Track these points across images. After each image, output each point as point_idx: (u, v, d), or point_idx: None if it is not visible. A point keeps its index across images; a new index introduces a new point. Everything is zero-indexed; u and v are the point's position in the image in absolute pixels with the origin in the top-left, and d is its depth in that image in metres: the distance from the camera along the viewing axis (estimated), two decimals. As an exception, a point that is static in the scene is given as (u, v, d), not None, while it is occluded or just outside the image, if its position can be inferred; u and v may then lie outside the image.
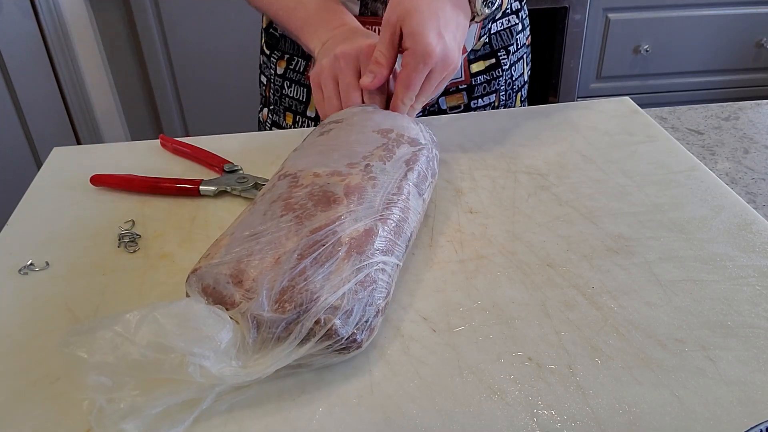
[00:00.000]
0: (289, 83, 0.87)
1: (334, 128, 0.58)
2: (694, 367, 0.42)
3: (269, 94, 0.92)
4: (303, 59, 0.85)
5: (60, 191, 0.64)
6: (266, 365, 0.39)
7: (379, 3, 0.76)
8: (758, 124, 0.78)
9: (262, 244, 0.44)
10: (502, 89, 0.88)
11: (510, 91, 0.89)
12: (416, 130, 0.59)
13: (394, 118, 0.59)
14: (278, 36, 0.87)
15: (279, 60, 0.87)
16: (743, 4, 1.79)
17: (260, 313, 0.40)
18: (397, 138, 0.56)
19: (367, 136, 0.56)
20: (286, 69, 0.87)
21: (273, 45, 0.88)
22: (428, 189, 0.55)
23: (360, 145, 0.55)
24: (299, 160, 0.54)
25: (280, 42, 0.87)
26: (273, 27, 0.87)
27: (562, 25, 1.74)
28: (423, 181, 0.54)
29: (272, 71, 0.89)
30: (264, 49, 0.91)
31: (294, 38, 0.74)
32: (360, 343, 0.42)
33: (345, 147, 0.54)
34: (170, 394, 0.37)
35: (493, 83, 0.86)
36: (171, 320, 0.37)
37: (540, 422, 0.39)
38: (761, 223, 0.55)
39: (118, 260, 0.54)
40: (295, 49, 0.85)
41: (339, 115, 0.61)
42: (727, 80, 1.92)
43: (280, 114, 0.89)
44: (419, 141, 0.57)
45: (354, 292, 0.42)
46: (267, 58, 0.90)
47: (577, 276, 0.50)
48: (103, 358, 0.36)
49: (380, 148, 0.54)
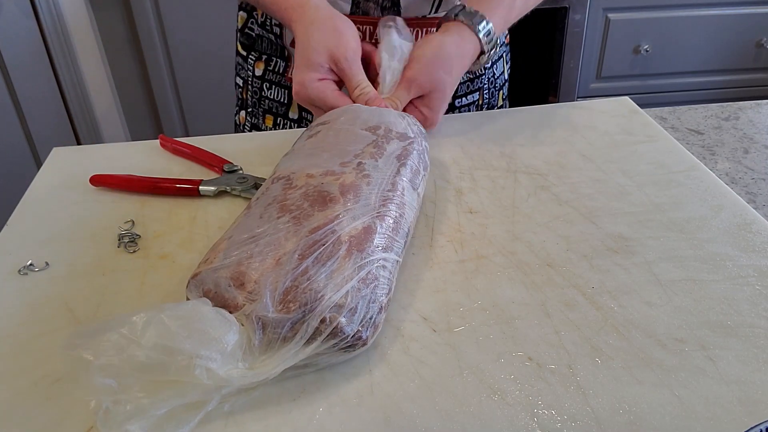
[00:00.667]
0: (269, 85, 0.85)
1: (321, 130, 0.58)
2: (694, 366, 0.42)
3: (246, 96, 0.90)
4: (282, 60, 0.84)
5: (60, 191, 0.64)
6: (273, 366, 0.39)
7: (371, 3, 0.76)
8: (758, 124, 0.78)
9: (261, 246, 0.44)
10: (485, 87, 0.88)
11: (492, 89, 0.90)
12: (403, 124, 0.59)
13: (380, 114, 0.60)
14: (254, 36, 0.85)
15: (257, 61, 0.86)
16: (743, 4, 1.79)
17: (265, 314, 0.40)
18: (386, 134, 0.56)
19: (356, 135, 0.56)
20: (265, 70, 0.85)
21: (249, 46, 0.87)
22: (422, 182, 0.55)
23: (350, 143, 0.55)
24: (291, 163, 0.54)
25: (256, 42, 0.86)
26: (249, 27, 0.86)
27: (562, 25, 1.74)
28: (416, 176, 0.54)
29: (249, 73, 0.88)
30: (239, 50, 0.89)
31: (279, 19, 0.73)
32: (365, 340, 0.42)
33: (335, 147, 0.54)
34: (176, 396, 0.37)
35: (476, 82, 0.86)
36: (177, 322, 0.37)
37: (540, 422, 0.39)
38: (761, 223, 0.55)
39: (118, 260, 0.54)
40: (273, 50, 0.84)
41: (325, 117, 0.61)
42: (727, 80, 1.91)
43: (260, 116, 0.88)
44: (408, 135, 0.58)
45: (357, 289, 0.42)
46: (243, 59, 0.89)
47: (577, 276, 0.50)
48: (109, 361, 0.35)
49: (370, 146, 0.54)
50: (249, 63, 0.87)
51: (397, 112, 0.62)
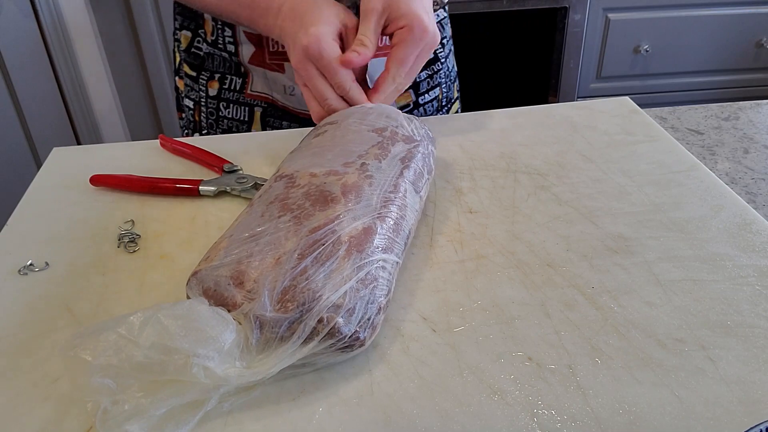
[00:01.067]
0: (226, 104, 0.83)
1: (329, 129, 0.58)
2: (694, 366, 0.42)
3: (200, 119, 0.86)
4: (238, 77, 0.81)
5: (60, 191, 0.64)
6: (270, 365, 0.39)
7: None
8: (758, 124, 0.78)
9: (261, 245, 0.44)
10: (443, 82, 0.88)
11: (449, 83, 0.90)
12: (410, 127, 0.59)
13: (388, 116, 0.59)
14: (203, 55, 0.82)
15: (209, 81, 0.83)
16: (743, 4, 1.79)
17: (263, 313, 0.40)
18: (392, 136, 0.56)
19: (362, 136, 0.56)
20: (220, 89, 0.82)
21: (198, 66, 0.83)
22: (425, 186, 0.55)
23: (355, 144, 0.55)
24: (295, 162, 0.54)
25: (206, 61, 0.82)
26: (195, 46, 0.83)
27: (562, 25, 1.74)
28: (420, 178, 0.54)
29: (202, 94, 0.84)
30: (187, 72, 0.85)
31: (246, 18, 0.70)
32: (363, 341, 0.42)
33: (340, 147, 0.54)
34: (175, 396, 0.37)
35: (435, 77, 0.86)
36: (174, 321, 0.37)
37: (540, 422, 0.39)
38: (761, 223, 0.55)
39: (118, 260, 0.54)
40: (227, 68, 0.81)
41: (334, 117, 0.61)
42: (727, 80, 1.91)
43: None
44: (414, 138, 0.58)
45: (356, 290, 0.42)
46: (193, 80, 0.85)
47: (577, 276, 0.50)
48: (108, 361, 0.35)
49: (375, 147, 0.54)
50: (200, 83, 0.84)
51: (406, 115, 0.61)
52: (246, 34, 0.78)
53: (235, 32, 0.78)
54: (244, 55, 0.79)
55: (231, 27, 0.78)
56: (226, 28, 0.79)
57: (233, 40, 0.79)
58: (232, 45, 0.80)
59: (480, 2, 1.64)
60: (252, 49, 0.79)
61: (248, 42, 0.78)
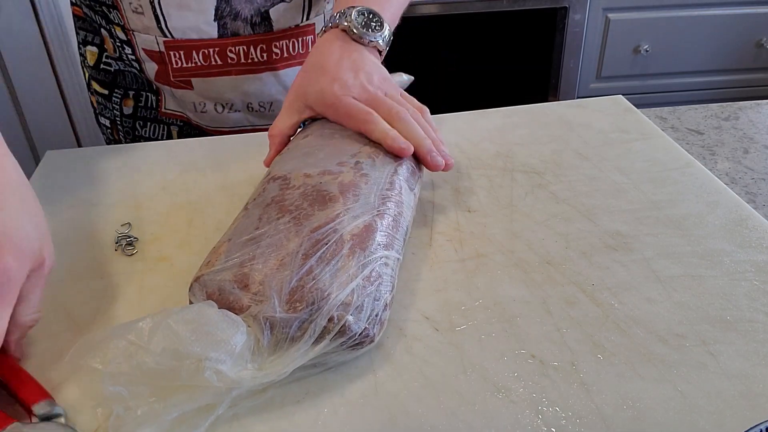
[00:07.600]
0: (143, 122, 0.78)
1: (316, 128, 0.58)
2: (696, 361, 0.42)
3: (119, 137, 0.82)
4: (152, 94, 0.76)
5: (54, 194, 0.63)
6: (282, 366, 0.38)
7: (239, 22, 0.70)
8: (758, 124, 0.78)
9: (263, 247, 0.44)
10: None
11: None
12: None
13: None
14: (113, 72, 0.77)
15: (124, 98, 0.78)
16: (743, 4, 1.80)
17: (273, 314, 0.40)
18: None
19: (352, 134, 0.56)
20: (136, 107, 0.78)
21: (110, 83, 0.78)
22: (417, 184, 0.55)
23: (346, 143, 0.55)
24: (286, 164, 0.54)
25: (117, 78, 0.77)
26: (104, 62, 0.77)
27: (562, 25, 1.74)
28: (413, 176, 0.54)
29: (116, 113, 0.79)
30: (98, 90, 0.79)
31: None
32: (372, 337, 0.42)
33: (331, 146, 0.54)
34: (187, 400, 0.36)
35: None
36: (184, 326, 0.36)
37: (545, 419, 0.39)
38: (756, 219, 0.56)
39: (116, 263, 0.54)
40: (139, 84, 0.76)
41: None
42: (727, 80, 1.92)
43: None
44: None
45: (362, 287, 0.42)
46: (105, 98, 0.79)
47: (577, 273, 0.50)
48: (118, 368, 0.35)
49: (368, 146, 0.55)
50: (114, 102, 0.79)
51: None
52: (146, 52, 0.73)
53: (134, 49, 0.73)
54: (148, 73, 0.75)
55: (129, 44, 0.73)
56: (125, 46, 0.73)
57: (135, 57, 0.74)
58: (136, 62, 0.75)
59: (480, 2, 1.64)
60: (155, 66, 0.74)
61: (149, 60, 0.73)
